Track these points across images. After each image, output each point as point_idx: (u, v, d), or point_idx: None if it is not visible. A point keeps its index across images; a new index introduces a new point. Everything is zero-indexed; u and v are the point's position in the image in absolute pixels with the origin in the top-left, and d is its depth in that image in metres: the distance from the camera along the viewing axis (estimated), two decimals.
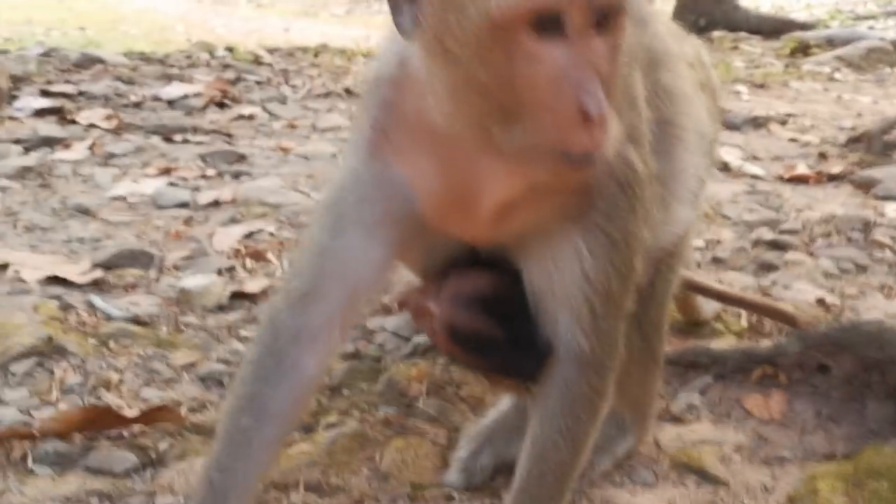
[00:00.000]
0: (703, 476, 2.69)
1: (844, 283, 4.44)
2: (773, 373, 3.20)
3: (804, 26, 17.26)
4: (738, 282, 4.35)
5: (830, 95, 11.33)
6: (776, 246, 4.92)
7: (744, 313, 3.86)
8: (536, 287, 2.00)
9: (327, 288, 2.03)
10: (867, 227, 5.32)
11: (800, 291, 4.24)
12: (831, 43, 15.45)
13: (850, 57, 13.73)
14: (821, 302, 4.12)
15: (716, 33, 16.79)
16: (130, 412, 2.79)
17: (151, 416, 2.78)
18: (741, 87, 11.45)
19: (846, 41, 15.13)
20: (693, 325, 3.69)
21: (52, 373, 3.06)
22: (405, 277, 2.58)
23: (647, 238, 2.06)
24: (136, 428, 2.77)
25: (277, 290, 2.22)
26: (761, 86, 11.72)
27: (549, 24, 1.65)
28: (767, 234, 5.10)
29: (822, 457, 2.80)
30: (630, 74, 1.95)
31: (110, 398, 2.93)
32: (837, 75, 12.96)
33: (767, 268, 4.56)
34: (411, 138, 1.91)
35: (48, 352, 3.14)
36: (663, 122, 2.17)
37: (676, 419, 3.03)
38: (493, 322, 2.17)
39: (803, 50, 15.18)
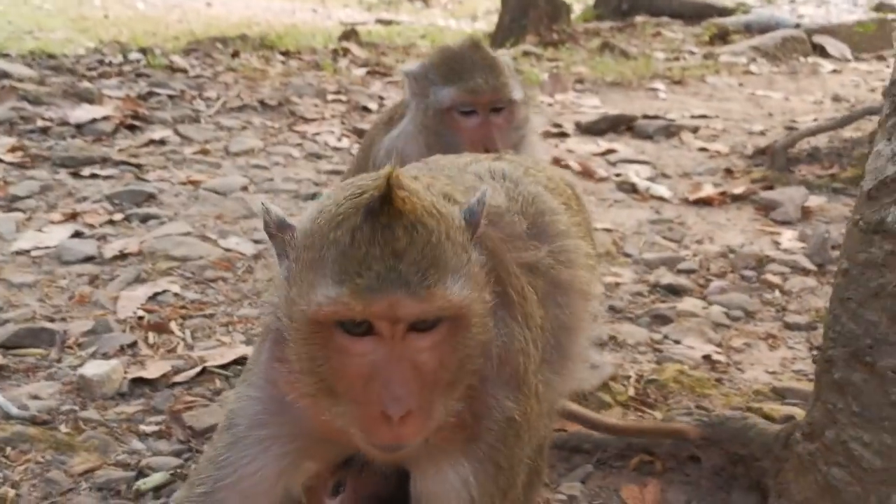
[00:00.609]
0: None
1: (732, 333, 4.64)
2: (651, 460, 3.37)
3: (723, 11, 17.52)
4: (631, 336, 4.52)
5: (744, 92, 11.61)
6: (672, 291, 5.10)
7: (631, 382, 4.02)
8: (421, 498, 2.10)
9: (224, 497, 2.13)
10: (760, 263, 5.54)
11: (689, 347, 4.43)
12: (749, 29, 15.80)
13: (766, 47, 14.06)
14: (707, 359, 4.31)
15: (638, 18, 16.98)
16: None
17: None
18: (659, 84, 11.68)
19: (764, 28, 15.47)
20: (580, 397, 3.82)
21: None
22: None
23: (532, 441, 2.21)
24: None
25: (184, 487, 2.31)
26: (678, 82, 11.96)
27: (359, 326, 1.79)
28: (665, 276, 5.28)
29: None
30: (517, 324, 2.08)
31: None
32: (753, 67, 13.26)
33: (661, 320, 4.73)
34: None
35: None
36: (562, 322, 2.33)
37: None
38: None
39: (722, 37, 15.50)
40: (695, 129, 9.15)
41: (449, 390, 1.87)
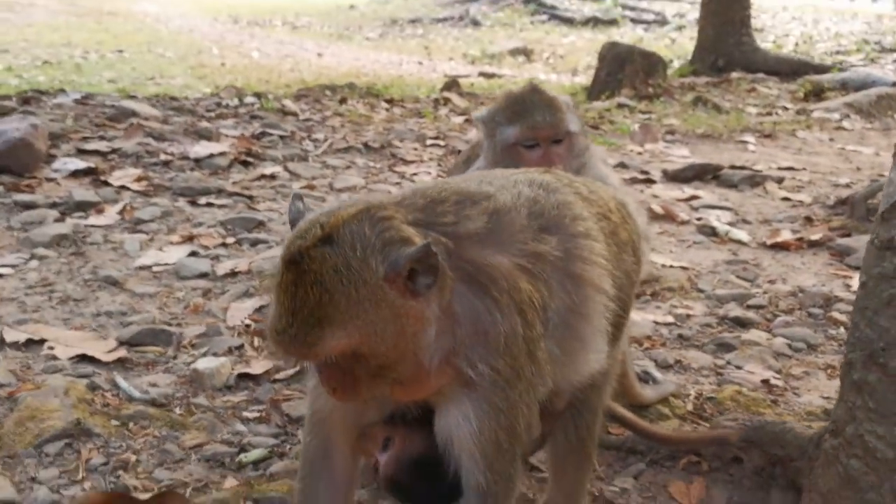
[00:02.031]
0: None
1: (793, 363, 4.90)
2: (698, 461, 3.70)
3: (820, 69, 17.61)
4: (696, 361, 4.83)
5: (835, 147, 11.74)
6: (739, 323, 5.39)
7: (690, 398, 4.34)
8: (442, 437, 2.54)
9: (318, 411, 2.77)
10: (828, 302, 5.78)
11: (749, 373, 4.71)
12: (845, 87, 15.86)
13: (860, 104, 14.14)
14: (765, 383, 4.59)
15: (734, 74, 17.20)
16: (144, 494, 3.32)
17: (161, 499, 3.30)
18: (749, 138, 11.90)
19: (860, 86, 15.53)
20: (639, 409, 4.15)
21: (79, 453, 3.61)
22: None
23: (540, 393, 2.60)
24: None
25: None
26: (769, 136, 12.15)
27: None
28: (734, 310, 5.56)
29: None
30: (523, 284, 2.50)
31: (128, 479, 3.47)
32: (846, 123, 13.36)
33: (726, 347, 5.02)
34: None
35: (77, 434, 3.70)
36: (571, 305, 2.68)
37: (609, 502, 3.53)
38: (422, 479, 2.72)
39: (817, 93, 15.59)
40: (780, 180, 9.37)
41: (375, 381, 2.40)
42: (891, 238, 2.79)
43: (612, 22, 32.75)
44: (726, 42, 17.85)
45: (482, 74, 21.49)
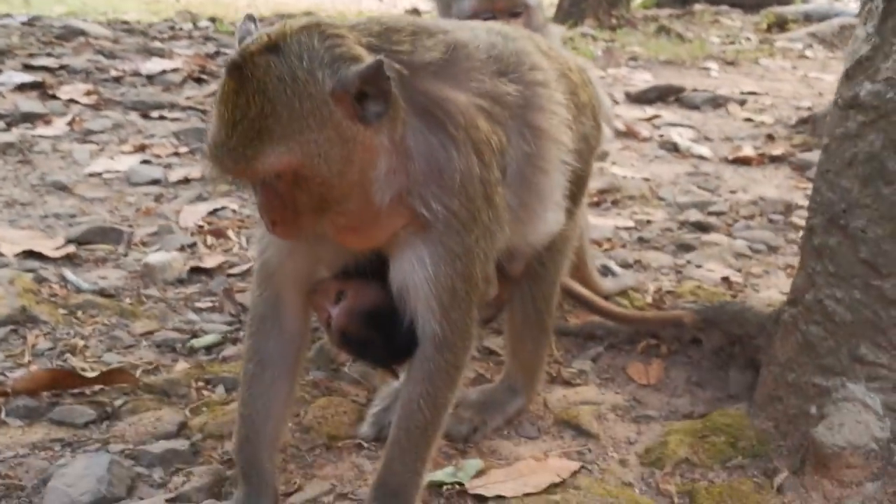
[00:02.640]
0: (579, 431, 3.14)
1: (753, 262, 4.89)
2: (657, 344, 3.67)
3: (783, 1, 17.55)
4: (656, 261, 4.80)
5: (797, 74, 11.71)
6: (699, 227, 5.36)
7: (650, 292, 4.31)
8: (398, 285, 2.45)
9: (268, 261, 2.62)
10: (789, 209, 5.77)
11: (709, 271, 4.69)
12: (808, 19, 15.81)
13: (823, 34, 14.10)
14: (725, 280, 4.57)
15: (697, 6, 17.11)
16: (91, 374, 3.23)
17: (109, 377, 3.22)
18: (712, 64, 11.82)
19: (823, 17, 15.48)
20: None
21: (24, 339, 3.50)
22: None
23: (498, 242, 2.52)
24: (96, 387, 3.22)
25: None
26: (731, 63, 12.09)
27: None
28: (695, 216, 5.53)
29: (682, 416, 3.26)
30: (479, 128, 2.40)
31: (75, 362, 3.37)
32: (808, 52, 13.33)
33: (685, 248, 5.00)
34: None
35: (22, 320, 3.59)
36: (528, 155, 2.59)
37: (566, 383, 3.49)
38: (375, 333, 2.65)
39: (780, 25, 15.55)
40: (742, 103, 9.33)
41: (316, 212, 2.27)
42: (854, 96, 2.74)
43: None
44: None
45: (431, 11, 21.12)
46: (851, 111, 2.75)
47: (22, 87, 7.24)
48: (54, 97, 7.12)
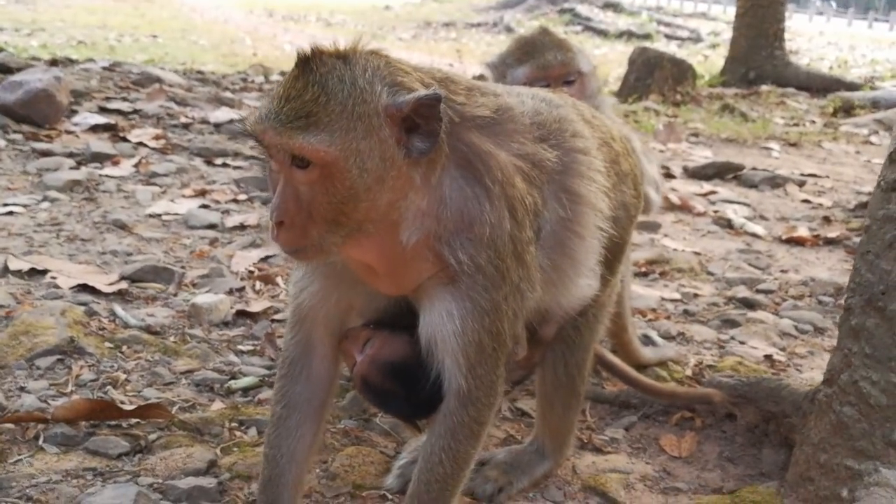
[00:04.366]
0: (605, 498, 3.12)
1: (798, 343, 4.83)
2: (692, 416, 3.64)
3: (852, 86, 17.47)
4: (699, 334, 4.77)
5: (861, 159, 11.59)
6: (746, 304, 5.32)
7: (690, 365, 4.28)
8: (426, 337, 2.47)
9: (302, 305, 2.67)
10: (839, 291, 5.69)
11: (752, 347, 4.65)
12: (876, 105, 15.68)
13: (890, 120, 13.94)
14: (768, 358, 4.52)
15: (764, 87, 17.05)
16: (129, 407, 3.31)
17: (146, 411, 3.29)
18: (773, 145, 11.78)
19: (891, 104, 15.36)
20: (638, 369, 4.10)
21: (70, 369, 3.60)
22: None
23: (528, 301, 2.54)
24: (132, 420, 3.29)
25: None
26: (794, 144, 12.03)
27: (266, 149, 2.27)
28: (743, 292, 5.49)
29: (711, 491, 3.23)
30: (521, 188, 2.45)
31: (115, 394, 3.45)
32: (874, 139, 13.21)
33: (730, 324, 4.96)
34: None
35: (69, 351, 3.69)
36: (564, 219, 2.62)
37: (597, 449, 3.48)
38: (397, 384, 2.68)
39: (847, 110, 15.44)
40: (801, 184, 9.27)
41: (329, 225, 2.25)
42: None
43: (646, 36, 32.66)
44: (758, 55, 17.70)
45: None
46: (894, 194, 2.75)
47: (95, 128, 7.53)
48: (125, 139, 7.39)
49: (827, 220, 7.81)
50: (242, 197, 6.35)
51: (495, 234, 2.37)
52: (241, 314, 4.34)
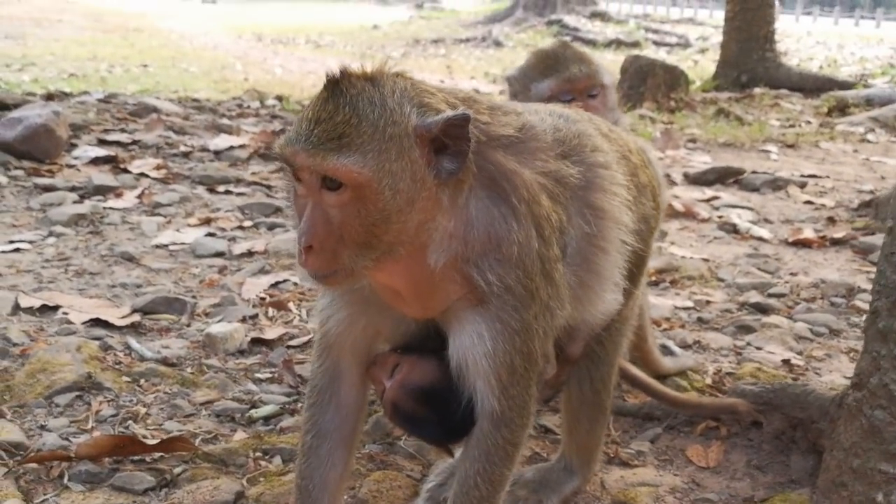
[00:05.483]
0: None
1: (815, 346, 4.81)
2: (717, 426, 3.62)
3: (845, 85, 17.52)
4: (715, 342, 4.75)
5: (859, 157, 11.61)
6: (759, 309, 5.30)
7: (709, 373, 4.26)
8: (456, 360, 2.46)
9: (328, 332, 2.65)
10: (851, 292, 5.69)
11: (769, 353, 4.63)
12: (870, 103, 15.72)
13: (885, 118, 14.00)
14: (786, 362, 4.50)
15: (757, 90, 17.08)
16: (152, 441, 3.28)
17: (169, 444, 3.27)
18: (771, 147, 11.79)
19: (885, 102, 15.39)
20: (658, 379, 4.08)
21: (89, 405, 3.58)
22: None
23: (558, 319, 2.52)
24: (156, 455, 3.26)
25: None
26: (791, 146, 12.04)
27: (295, 172, 2.23)
28: (755, 297, 5.48)
29: (742, 500, 3.20)
30: (544, 205, 2.43)
31: (137, 429, 3.43)
32: (870, 136, 13.23)
33: (745, 329, 4.94)
34: None
35: (87, 387, 3.67)
36: (588, 234, 2.61)
37: (624, 463, 3.45)
38: (427, 409, 2.67)
39: (841, 109, 15.46)
40: (802, 185, 9.27)
41: (359, 248, 2.23)
42: None
43: (635, 44, 32.71)
44: (750, 58, 17.74)
45: (503, 93, 21.44)
46: None
47: (96, 161, 7.53)
48: (126, 171, 7.38)
49: (831, 220, 7.80)
50: (248, 223, 6.34)
51: (523, 253, 2.35)
52: (257, 342, 4.32)
